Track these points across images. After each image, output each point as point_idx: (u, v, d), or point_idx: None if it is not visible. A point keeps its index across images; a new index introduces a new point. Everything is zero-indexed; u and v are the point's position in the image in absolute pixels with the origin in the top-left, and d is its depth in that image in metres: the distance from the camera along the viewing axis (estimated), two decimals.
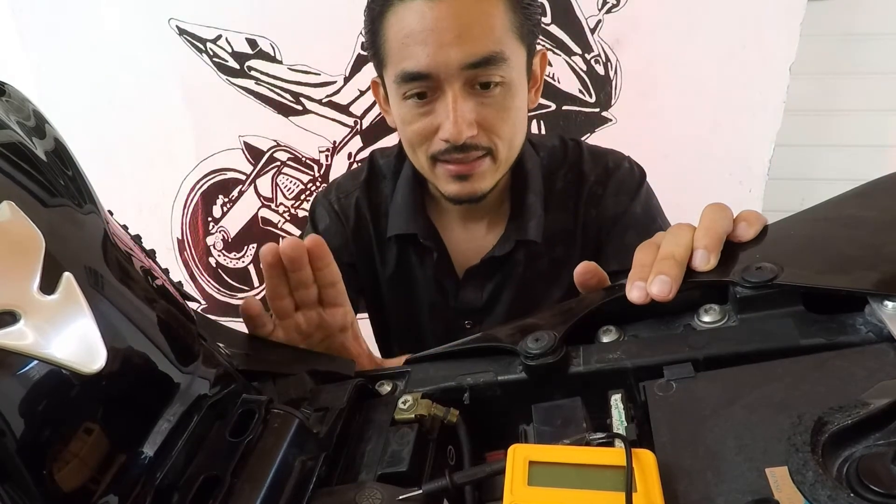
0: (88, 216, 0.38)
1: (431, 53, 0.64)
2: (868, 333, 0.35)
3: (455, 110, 0.66)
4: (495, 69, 0.66)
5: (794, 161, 1.71)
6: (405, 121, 0.72)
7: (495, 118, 0.69)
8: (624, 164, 0.85)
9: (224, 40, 1.30)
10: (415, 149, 0.74)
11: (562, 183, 0.84)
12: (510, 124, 0.71)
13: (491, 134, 0.70)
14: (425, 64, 0.65)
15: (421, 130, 0.70)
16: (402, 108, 0.71)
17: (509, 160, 0.75)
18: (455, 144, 0.68)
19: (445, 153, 0.70)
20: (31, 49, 1.32)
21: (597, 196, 0.83)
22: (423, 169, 0.76)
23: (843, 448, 0.25)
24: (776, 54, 1.26)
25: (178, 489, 0.35)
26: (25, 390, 0.29)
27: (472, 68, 0.65)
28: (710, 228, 0.44)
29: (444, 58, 0.64)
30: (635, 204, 0.82)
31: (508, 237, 0.81)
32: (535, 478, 0.32)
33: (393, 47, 0.68)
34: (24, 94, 0.43)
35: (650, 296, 0.42)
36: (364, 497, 0.35)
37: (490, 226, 0.84)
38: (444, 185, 0.74)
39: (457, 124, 0.66)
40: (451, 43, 0.64)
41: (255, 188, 1.44)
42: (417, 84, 0.67)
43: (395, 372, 0.51)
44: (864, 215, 0.45)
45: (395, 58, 0.68)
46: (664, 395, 0.36)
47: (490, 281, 0.84)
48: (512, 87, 0.69)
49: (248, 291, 1.53)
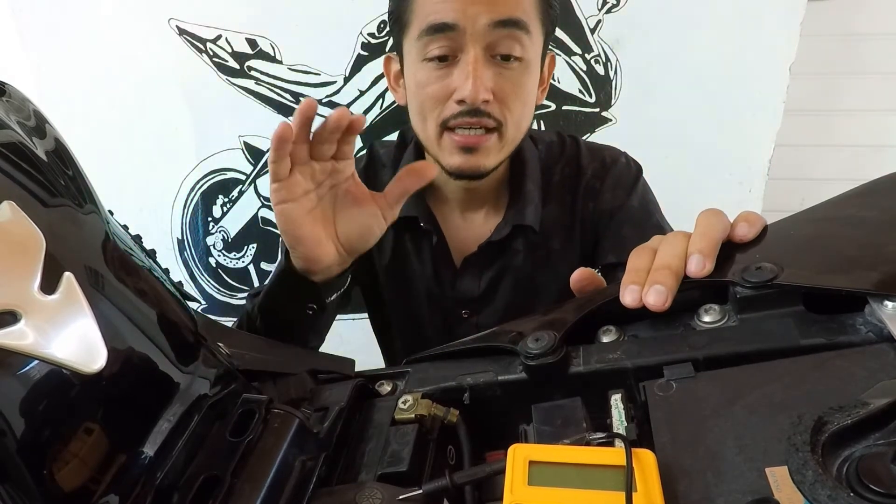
0: (89, 216, 0.38)
1: (459, 7, 0.66)
2: (868, 333, 0.35)
3: (475, 71, 0.67)
4: (518, 36, 0.68)
5: (794, 161, 1.71)
6: (421, 83, 0.72)
7: (510, 91, 0.70)
8: (621, 159, 0.86)
9: (224, 40, 1.30)
10: (426, 115, 0.74)
11: (559, 176, 0.85)
12: (522, 102, 0.72)
13: (503, 107, 0.70)
14: (452, 16, 0.66)
15: (436, 93, 0.71)
16: (419, 70, 0.72)
17: (515, 141, 0.75)
18: (471, 106, 0.69)
19: (458, 117, 0.70)
20: (31, 49, 1.32)
21: (594, 190, 0.84)
22: (430, 139, 0.75)
23: (842, 448, 0.25)
24: (776, 54, 1.26)
25: (178, 489, 0.35)
26: (26, 390, 0.29)
27: (498, 27, 0.66)
28: (705, 234, 0.44)
29: (473, 12, 0.66)
30: (632, 198, 0.83)
31: (506, 222, 0.81)
32: (535, 477, 0.32)
33: (421, 6, 0.69)
34: (24, 94, 0.43)
35: (646, 305, 0.42)
36: (364, 497, 0.35)
37: (488, 215, 0.85)
38: (448, 156, 0.74)
39: (475, 85, 0.67)
40: (480, 1, 0.65)
41: (255, 188, 1.44)
42: (442, 37, 0.68)
43: (395, 372, 0.51)
44: (864, 215, 0.45)
45: (422, 13, 0.69)
46: (664, 395, 0.36)
47: (488, 269, 0.84)
48: (529, 65, 0.71)
49: (247, 291, 1.53)
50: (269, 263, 1.50)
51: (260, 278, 1.51)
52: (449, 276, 0.85)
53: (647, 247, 0.47)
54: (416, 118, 0.76)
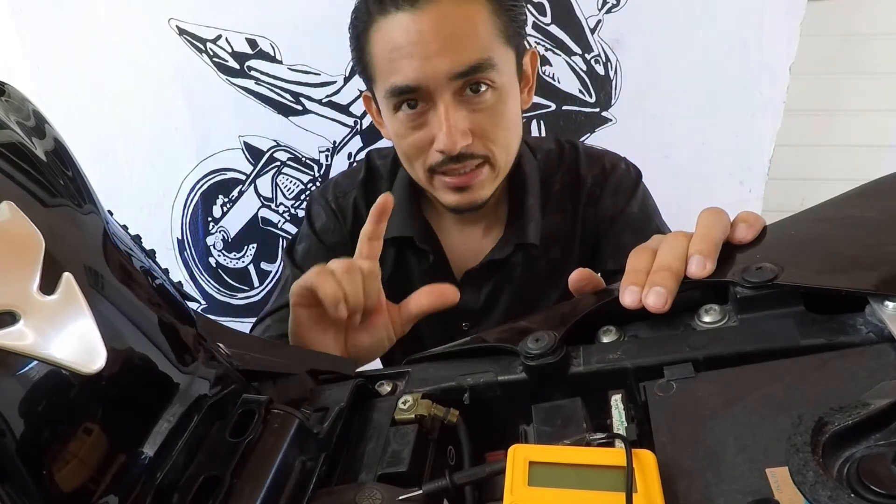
0: (88, 216, 0.38)
1: (418, 66, 0.64)
2: (868, 333, 0.35)
3: (448, 120, 0.66)
4: (484, 75, 0.66)
5: (794, 161, 1.71)
6: (399, 135, 0.72)
7: (489, 125, 0.69)
8: (620, 164, 0.86)
9: (224, 40, 1.30)
10: (412, 162, 0.73)
11: (559, 185, 0.84)
12: (504, 129, 0.71)
13: (486, 141, 0.70)
14: (413, 77, 0.64)
15: (416, 143, 0.70)
16: (394, 122, 0.71)
17: (507, 166, 0.75)
18: (450, 155, 0.68)
19: (442, 164, 0.70)
20: (31, 49, 1.32)
21: (594, 197, 0.83)
22: (422, 181, 0.75)
23: (843, 448, 0.25)
24: (776, 54, 1.26)
25: (178, 489, 0.35)
26: (25, 390, 0.29)
27: (460, 77, 0.65)
28: (706, 235, 0.44)
29: (431, 69, 0.64)
30: (632, 204, 0.83)
31: (508, 240, 0.81)
32: (535, 478, 0.32)
33: (380, 63, 0.67)
34: (23, 94, 0.43)
35: (646, 307, 0.42)
36: (364, 497, 0.35)
37: (487, 229, 0.84)
38: (443, 196, 0.74)
39: (450, 134, 0.66)
40: (437, 54, 0.63)
41: (255, 188, 1.44)
42: (407, 97, 0.67)
43: (395, 372, 0.50)
44: (864, 215, 0.45)
45: (384, 73, 0.67)
46: (664, 396, 0.36)
47: (488, 283, 0.84)
48: (503, 91, 0.69)
49: (248, 291, 1.53)
50: (269, 263, 1.50)
51: (260, 278, 1.51)
52: None
53: (647, 247, 0.47)
54: (404, 162, 0.76)
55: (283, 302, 0.84)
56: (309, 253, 0.87)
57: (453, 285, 0.64)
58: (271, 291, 1.46)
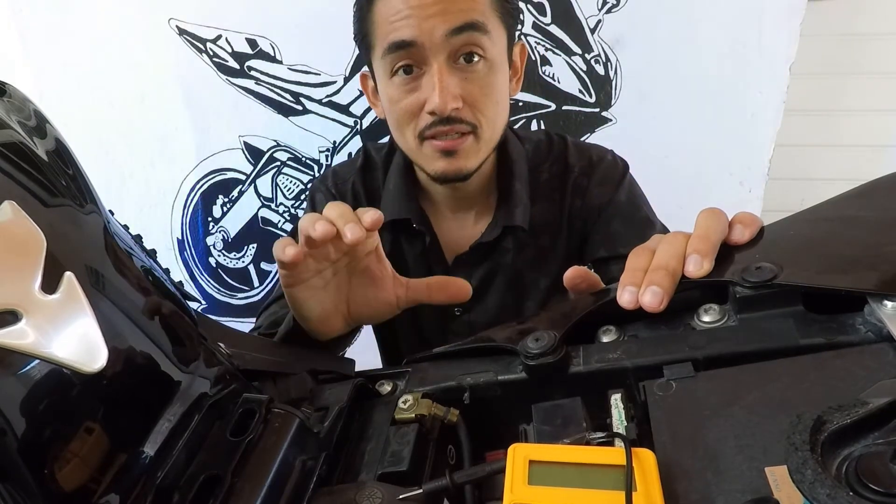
0: (89, 216, 0.38)
1: (416, 24, 0.67)
2: (867, 333, 0.35)
3: (441, 81, 0.68)
4: (477, 38, 0.69)
5: (794, 161, 1.71)
6: (392, 99, 0.73)
7: (479, 94, 0.71)
8: (607, 156, 0.88)
9: (224, 40, 1.30)
10: (402, 128, 0.75)
11: (547, 174, 0.86)
12: (493, 101, 0.73)
13: (475, 110, 0.72)
14: (410, 34, 0.67)
15: (408, 107, 0.72)
16: (389, 87, 0.73)
17: (492, 140, 0.77)
18: (441, 116, 0.70)
19: (431, 126, 0.72)
20: (31, 49, 1.32)
21: (582, 187, 0.85)
22: (411, 150, 0.77)
23: (842, 447, 0.25)
24: (776, 54, 1.26)
25: (178, 488, 0.35)
26: (26, 389, 0.29)
27: (456, 34, 0.67)
28: (704, 235, 0.44)
29: (428, 27, 0.67)
30: (619, 192, 0.85)
31: (496, 223, 0.83)
32: (535, 477, 0.32)
33: (381, 28, 0.70)
34: (24, 94, 0.43)
35: (642, 306, 0.42)
36: (364, 496, 0.35)
37: (478, 215, 0.86)
38: (430, 163, 0.75)
39: (442, 95, 0.68)
40: (434, 14, 0.67)
41: (255, 188, 1.44)
42: (404, 53, 0.69)
43: (395, 372, 0.51)
44: (864, 215, 0.45)
45: (383, 35, 0.70)
46: (664, 395, 0.36)
47: (479, 268, 0.86)
48: (494, 64, 0.72)
49: (248, 291, 1.53)
50: (269, 263, 1.50)
51: (260, 278, 1.51)
52: (441, 273, 0.86)
53: (646, 247, 0.47)
54: (395, 131, 0.78)
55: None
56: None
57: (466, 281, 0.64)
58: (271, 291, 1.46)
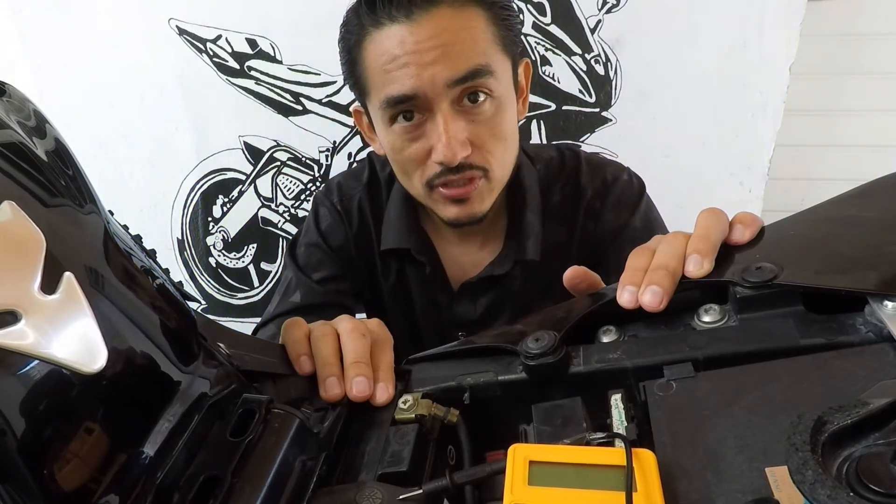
0: (89, 216, 0.38)
1: (415, 74, 0.62)
2: (868, 333, 0.35)
3: (447, 131, 0.64)
4: (482, 81, 0.65)
5: (794, 161, 1.71)
6: (395, 148, 0.70)
7: (487, 135, 0.68)
8: (623, 176, 0.83)
9: (224, 40, 1.30)
10: (409, 175, 0.72)
11: (559, 196, 0.83)
12: (502, 140, 0.70)
13: (484, 151, 0.68)
14: (410, 86, 0.63)
15: (413, 156, 0.69)
16: (390, 135, 0.69)
17: (503, 179, 0.74)
18: (450, 166, 0.66)
19: (441, 176, 0.68)
20: (31, 49, 1.32)
21: (595, 210, 0.81)
22: (420, 195, 0.74)
23: (842, 447, 0.25)
24: (776, 54, 1.26)
25: (178, 489, 0.35)
26: (26, 390, 0.29)
27: (459, 84, 0.64)
28: (704, 235, 0.44)
29: (429, 76, 0.62)
30: (635, 218, 0.81)
31: (507, 256, 0.79)
32: (535, 477, 0.32)
33: (374, 75, 0.66)
34: (24, 94, 0.43)
35: (642, 305, 0.42)
36: (364, 497, 0.35)
37: (485, 241, 0.83)
38: (442, 209, 0.73)
39: (450, 145, 0.64)
40: (434, 62, 0.62)
41: (255, 188, 1.44)
42: (404, 107, 0.65)
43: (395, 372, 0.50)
44: (864, 215, 0.45)
45: (378, 85, 0.66)
46: (664, 395, 0.36)
47: (485, 296, 0.83)
48: (501, 101, 0.68)
49: (248, 291, 1.53)
50: (269, 263, 1.50)
51: (260, 278, 1.51)
52: (446, 300, 0.85)
53: (646, 247, 0.47)
54: (401, 177, 0.75)
55: (285, 308, 0.84)
56: (312, 255, 0.87)
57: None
58: (271, 292, 1.46)
